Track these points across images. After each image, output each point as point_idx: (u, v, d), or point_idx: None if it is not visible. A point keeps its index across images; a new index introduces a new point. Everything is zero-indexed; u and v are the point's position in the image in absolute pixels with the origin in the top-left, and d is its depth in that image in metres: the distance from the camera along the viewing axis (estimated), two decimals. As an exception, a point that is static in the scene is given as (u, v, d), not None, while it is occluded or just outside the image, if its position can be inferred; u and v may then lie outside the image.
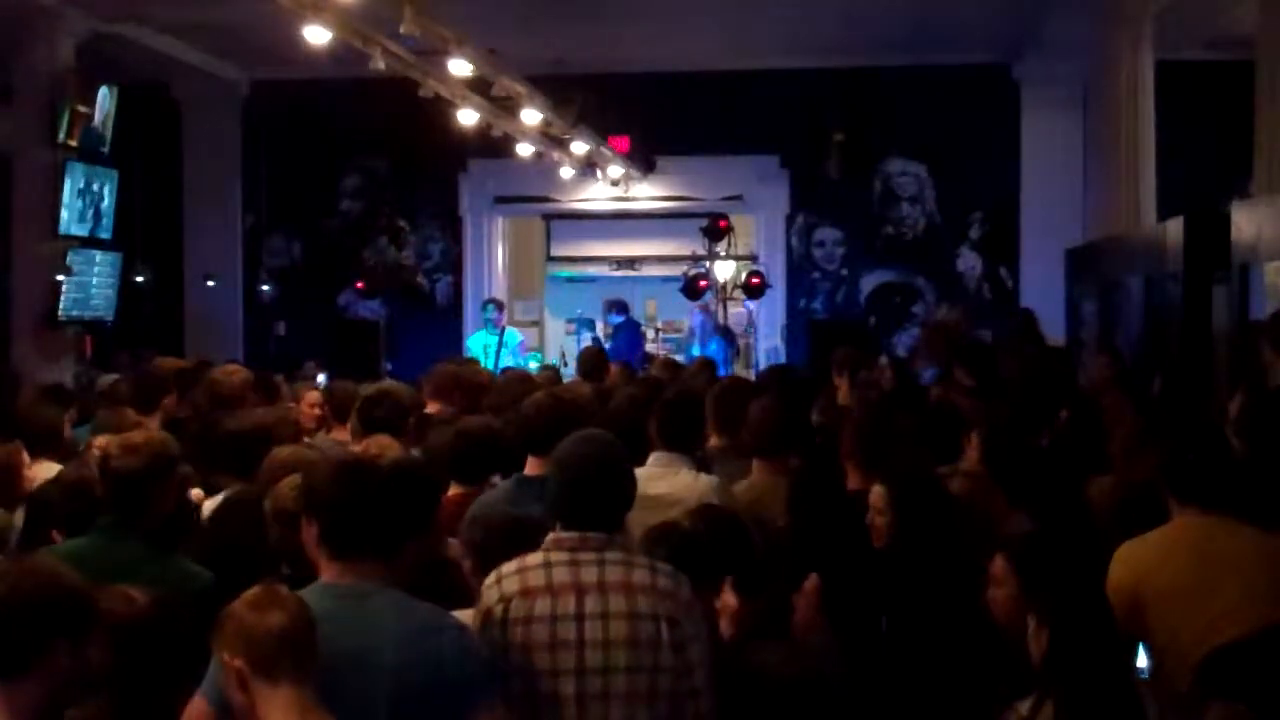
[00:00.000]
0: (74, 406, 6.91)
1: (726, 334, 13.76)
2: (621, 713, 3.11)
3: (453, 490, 4.74)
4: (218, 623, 2.70)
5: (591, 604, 3.13)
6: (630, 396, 6.14)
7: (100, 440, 5.18)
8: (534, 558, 3.22)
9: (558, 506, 3.30)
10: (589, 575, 3.16)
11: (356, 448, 5.30)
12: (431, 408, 6.73)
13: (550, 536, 3.27)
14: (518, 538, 3.47)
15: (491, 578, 3.22)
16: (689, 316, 13.84)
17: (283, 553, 3.50)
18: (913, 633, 3.85)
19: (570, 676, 3.10)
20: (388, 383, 7.06)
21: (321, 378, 11.03)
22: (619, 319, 14.01)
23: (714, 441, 5.55)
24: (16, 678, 2.46)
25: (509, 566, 3.22)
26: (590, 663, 3.10)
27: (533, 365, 11.38)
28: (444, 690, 2.89)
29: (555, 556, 3.21)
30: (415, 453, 5.08)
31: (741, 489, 4.94)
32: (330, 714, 2.66)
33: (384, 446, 4.78)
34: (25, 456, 5.17)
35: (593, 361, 8.73)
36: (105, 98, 11.29)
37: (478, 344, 12.81)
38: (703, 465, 5.14)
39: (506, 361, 11.75)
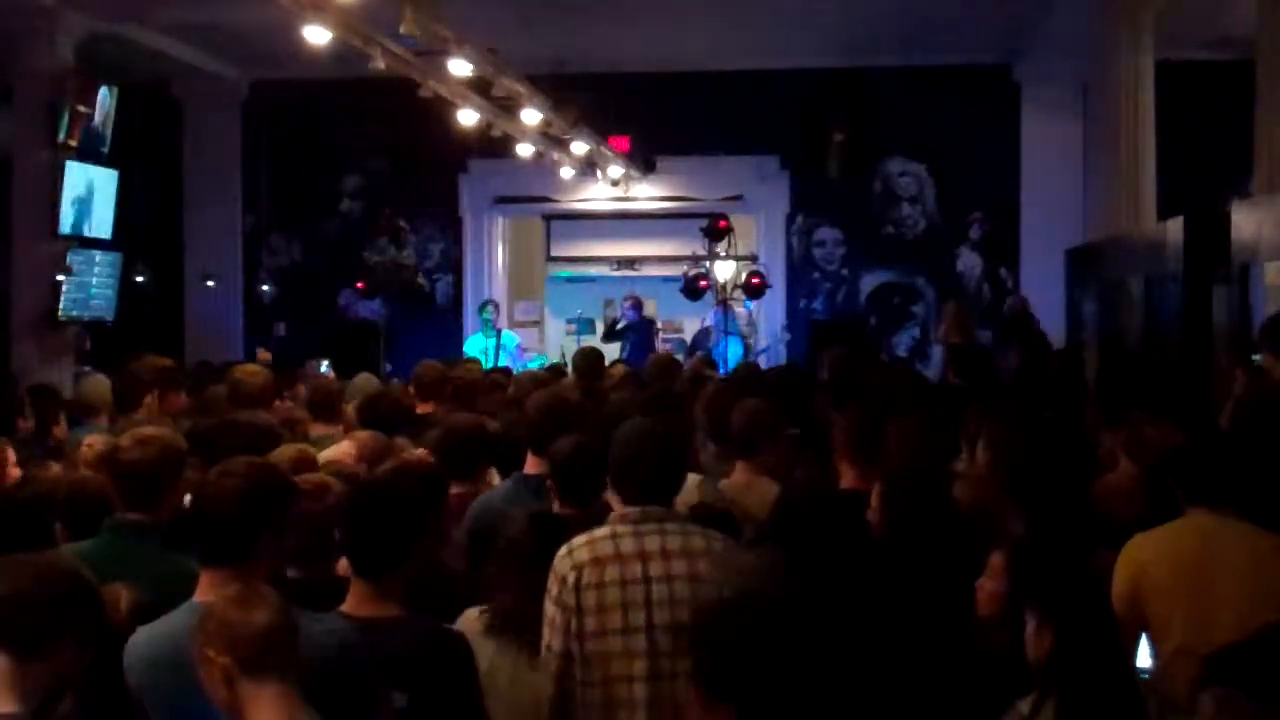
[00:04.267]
0: (62, 408, 6.86)
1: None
2: (686, 666, 3.28)
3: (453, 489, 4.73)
4: (201, 621, 2.71)
5: (656, 568, 3.45)
6: (627, 398, 6.14)
7: (90, 440, 5.15)
8: (601, 531, 3.52)
9: (618, 484, 3.58)
10: (652, 544, 3.48)
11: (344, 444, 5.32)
12: (423, 409, 6.71)
13: (614, 514, 3.55)
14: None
15: (563, 550, 3.48)
16: (707, 316, 13.76)
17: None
18: (907, 631, 3.84)
19: (641, 634, 3.41)
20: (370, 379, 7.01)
21: (324, 365, 11.05)
22: (633, 316, 13.89)
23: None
24: (30, 659, 2.62)
25: (578, 539, 3.50)
26: (658, 620, 3.41)
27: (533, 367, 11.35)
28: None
29: (620, 529, 3.50)
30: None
31: (723, 486, 4.94)
32: (314, 711, 2.66)
33: (363, 441, 4.79)
34: (11, 454, 5.15)
35: (588, 362, 8.70)
36: (105, 98, 11.28)
37: (475, 347, 12.82)
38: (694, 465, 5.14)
39: (504, 364, 11.72)
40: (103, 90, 11.21)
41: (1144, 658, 3.69)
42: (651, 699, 3.39)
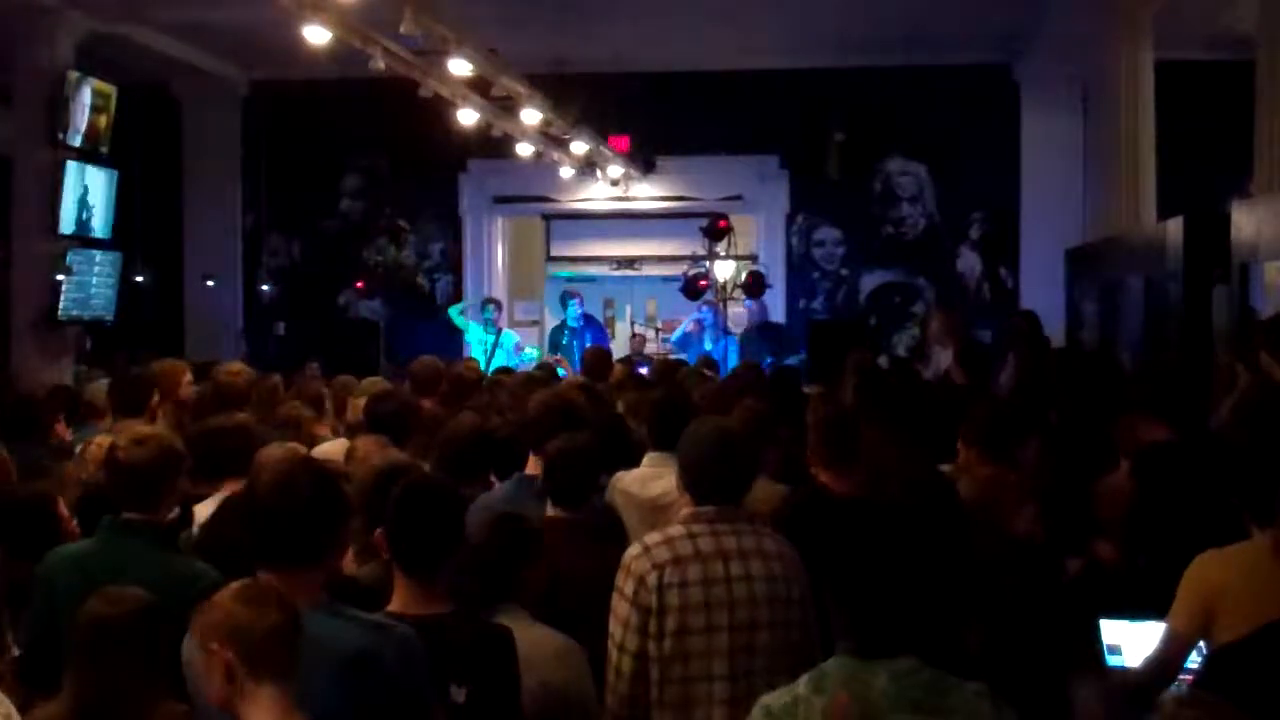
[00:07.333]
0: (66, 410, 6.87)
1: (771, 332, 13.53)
2: (766, 663, 3.46)
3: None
4: (204, 613, 2.67)
5: (736, 568, 3.50)
6: (632, 400, 6.15)
7: (99, 441, 5.17)
8: (676, 530, 3.56)
9: (690, 485, 3.62)
10: (729, 543, 3.53)
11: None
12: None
13: (687, 512, 3.60)
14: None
15: (637, 548, 3.54)
16: (696, 312, 13.70)
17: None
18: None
19: (724, 632, 3.46)
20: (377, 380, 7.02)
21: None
22: (581, 311, 13.56)
23: None
24: None
25: (654, 537, 3.57)
26: (739, 620, 3.46)
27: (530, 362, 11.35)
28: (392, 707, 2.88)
29: (696, 528, 3.54)
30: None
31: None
32: (308, 716, 2.64)
33: (371, 447, 4.79)
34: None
35: (595, 361, 8.71)
36: (104, 96, 11.24)
37: (475, 337, 12.86)
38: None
39: (501, 362, 11.73)
40: (101, 88, 11.16)
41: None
42: (731, 697, 3.43)
